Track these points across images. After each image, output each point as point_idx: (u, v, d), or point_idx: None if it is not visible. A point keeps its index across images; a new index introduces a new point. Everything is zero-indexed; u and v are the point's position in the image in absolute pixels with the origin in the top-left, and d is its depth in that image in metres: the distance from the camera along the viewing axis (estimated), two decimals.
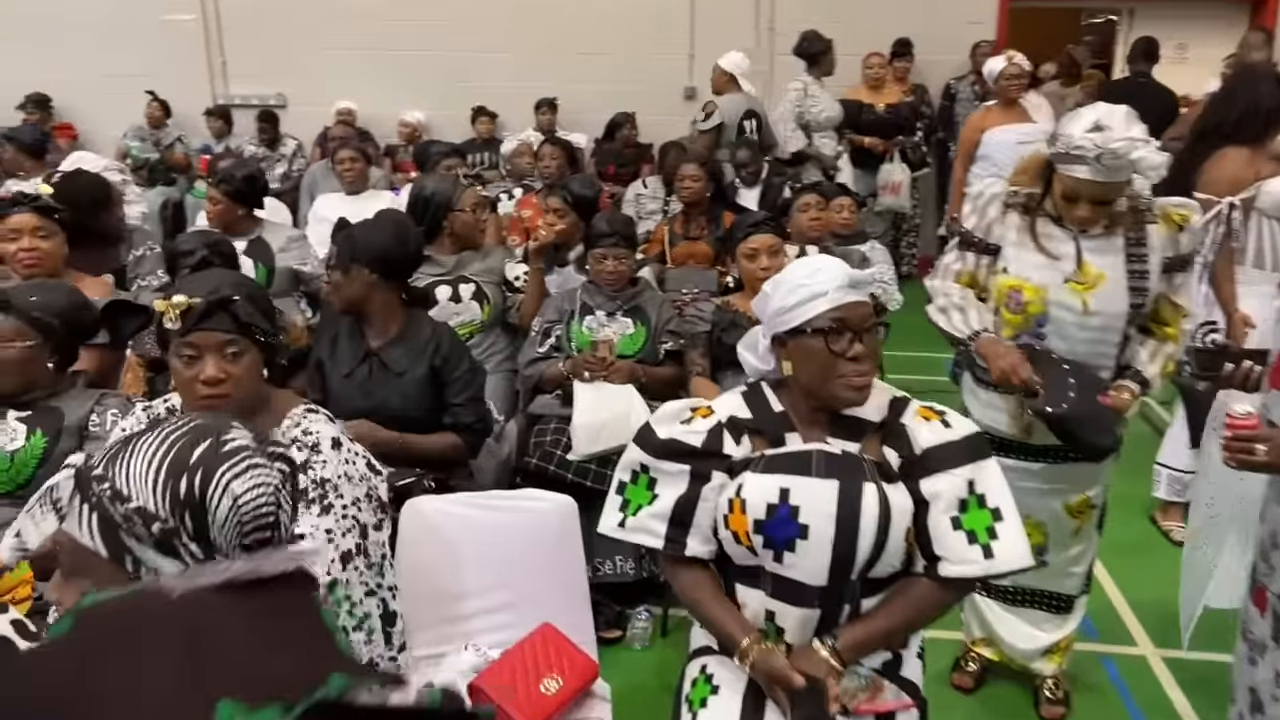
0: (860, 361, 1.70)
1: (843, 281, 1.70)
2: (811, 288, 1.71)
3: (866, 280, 1.75)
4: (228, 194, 3.83)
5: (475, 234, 3.43)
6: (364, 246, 2.50)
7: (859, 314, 1.71)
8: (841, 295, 1.69)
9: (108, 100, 7.99)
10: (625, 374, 3.07)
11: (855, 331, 1.69)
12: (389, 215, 2.66)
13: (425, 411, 2.54)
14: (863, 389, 1.71)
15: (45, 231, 2.78)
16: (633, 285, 3.34)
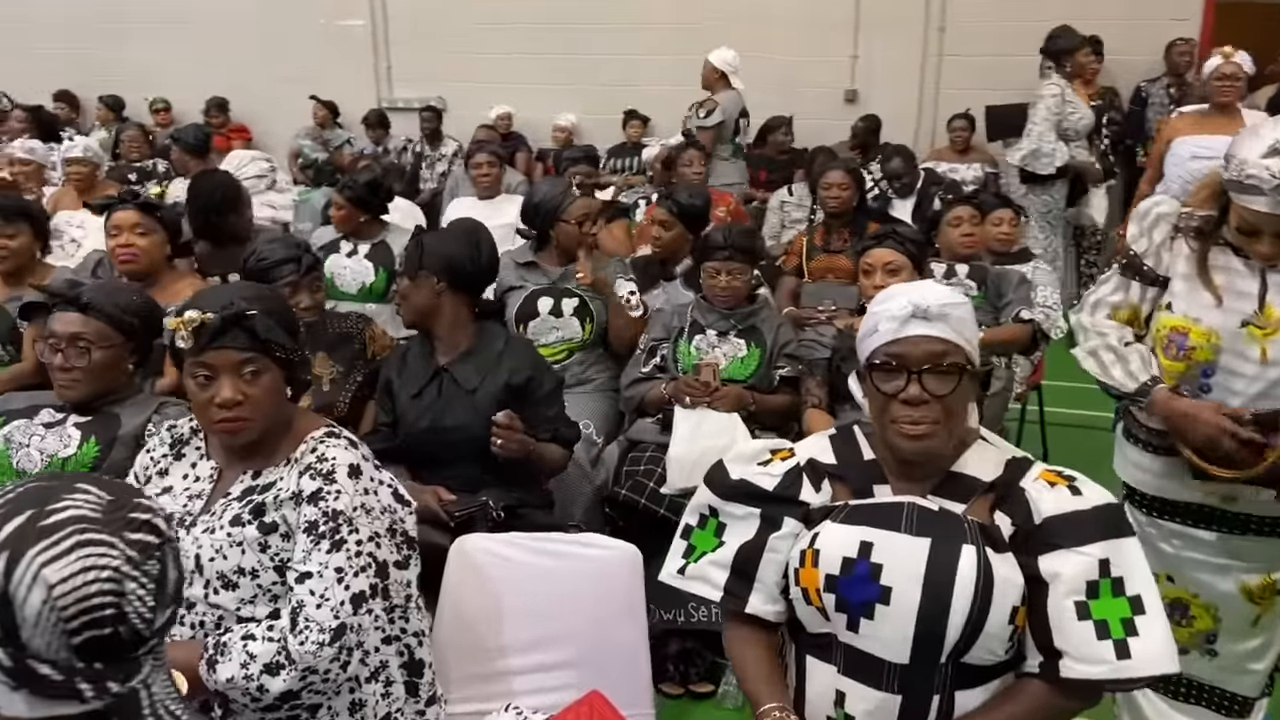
0: (913, 406, 1.44)
1: (902, 312, 1.46)
2: (876, 318, 1.50)
3: (940, 312, 1.46)
4: (350, 200, 3.79)
5: (580, 246, 3.21)
6: (433, 253, 2.35)
7: (920, 351, 1.46)
8: (896, 328, 1.47)
9: (280, 103, 8.33)
10: (731, 401, 2.78)
11: (913, 371, 1.45)
12: (463, 224, 2.50)
13: None
14: (918, 439, 1.47)
15: (144, 229, 2.77)
16: (749, 303, 3.05)
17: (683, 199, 3.56)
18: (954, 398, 1.46)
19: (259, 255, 2.48)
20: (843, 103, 7.47)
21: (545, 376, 2.41)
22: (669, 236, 3.52)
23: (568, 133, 7.86)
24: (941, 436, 1.47)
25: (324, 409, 2.46)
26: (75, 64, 8.78)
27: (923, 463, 1.51)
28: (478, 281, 2.45)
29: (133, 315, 2.12)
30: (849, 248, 4.13)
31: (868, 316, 1.55)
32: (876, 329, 1.51)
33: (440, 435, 2.31)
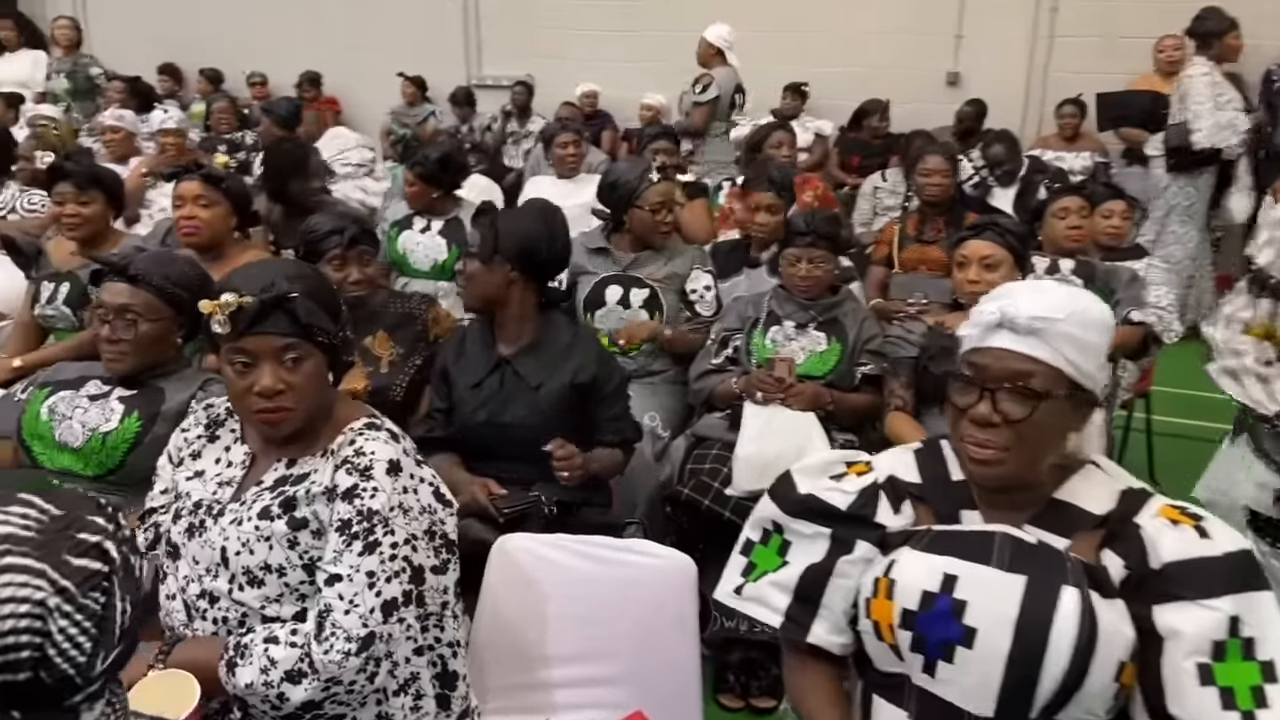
0: (981, 426, 1.29)
1: (989, 319, 1.30)
2: (971, 322, 1.34)
3: (1031, 325, 1.28)
4: (421, 176, 3.70)
5: (654, 235, 3.05)
6: (509, 235, 2.20)
7: (999, 367, 1.30)
8: (979, 336, 1.33)
9: (371, 78, 8.35)
10: (807, 399, 2.60)
11: (987, 387, 1.29)
12: (537, 204, 2.35)
13: (564, 430, 2.22)
14: (983, 464, 1.31)
15: (207, 200, 2.71)
16: (832, 294, 2.86)
17: (778, 176, 3.39)
18: (1031, 425, 1.27)
19: (309, 227, 2.40)
20: (944, 86, 7.12)
21: (612, 374, 2.28)
22: (775, 222, 3.36)
23: (655, 112, 7.68)
24: (1011, 465, 1.29)
25: (381, 391, 2.37)
26: (178, 37, 8.95)
27: (1002, 489, 1.32)
28: (549, 270, 2.31)
29: (182, 288, 2.05)
30: (944, 238, 3.88)
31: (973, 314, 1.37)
32: (964, 336, 1.35)
33: (498, 430, 2.20)
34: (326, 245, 2.36)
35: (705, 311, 3.06)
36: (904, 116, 6.70)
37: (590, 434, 2.28)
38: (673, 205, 3.07)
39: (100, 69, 7.00)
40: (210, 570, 1.52)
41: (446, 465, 2.22)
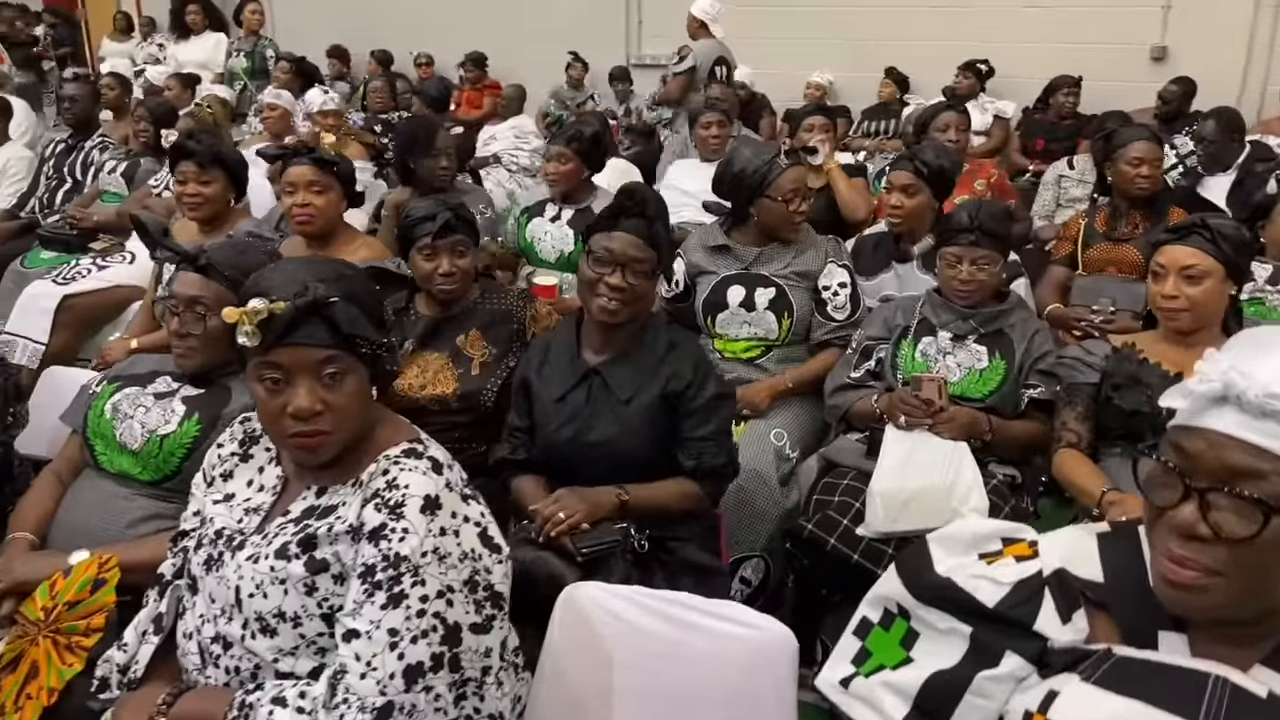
0: (1183, 539, 0.93)
1: (1207, 388, 0.92)
2: (1181, 388, 0.97)
3: (1271, 405, 0.89)
4: (577, 152, 3.46)
5: (786, 226, 2.70)
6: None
7: (1216, 459, 0.92)
8: (1193, 411, 0.95)
9: (532, 59, 8.27)
10: (961, 427, 2.21)
11: (1195, 487, 0.93)
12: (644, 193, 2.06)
13: (657, 449, 1.94)
14: (1183, 589, 0.94)
15: (320, 186, 2.56)
16: (997, 301, 2.44)
17: (929, 157, 2.92)
18: (1257, 547, 0.89)
19: (406, 213, 2.20)
20: (1148, 61, 6.37)
21: (706, 383, 1.96)
22: (911, 205, 2.91)
23: (822, 92, 7.26)
24: (1221, 595, 0.92)
25: (471, 395, 2.15)
26: (354, 19, 9.15)
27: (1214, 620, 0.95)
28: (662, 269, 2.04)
29: None
30: (1140, 236, 3.36)
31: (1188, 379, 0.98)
32: (1178, 398, 0.97)
33: (585, 449, 1.93)
34: (417, 233, 2.16)
35: (839, 315, 2.68)
36: (1098, 96, 6.01)
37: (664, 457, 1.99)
38: (807, 193, 2.71)
39: (274, 52, 7.18)
40: (225, 611, 1.33)
41: (531, 488, 1.99)
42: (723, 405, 1.98)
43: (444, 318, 2.22)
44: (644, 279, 1.92)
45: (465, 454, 2.17)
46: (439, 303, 2.21)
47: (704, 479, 1.95)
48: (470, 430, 2.18)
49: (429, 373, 2.17)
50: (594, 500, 1.83)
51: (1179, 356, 2.08)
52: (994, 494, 2.17)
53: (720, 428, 1.97)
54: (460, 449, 2.17)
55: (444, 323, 2.21)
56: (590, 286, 1.92)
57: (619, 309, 1.91)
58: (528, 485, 1.99)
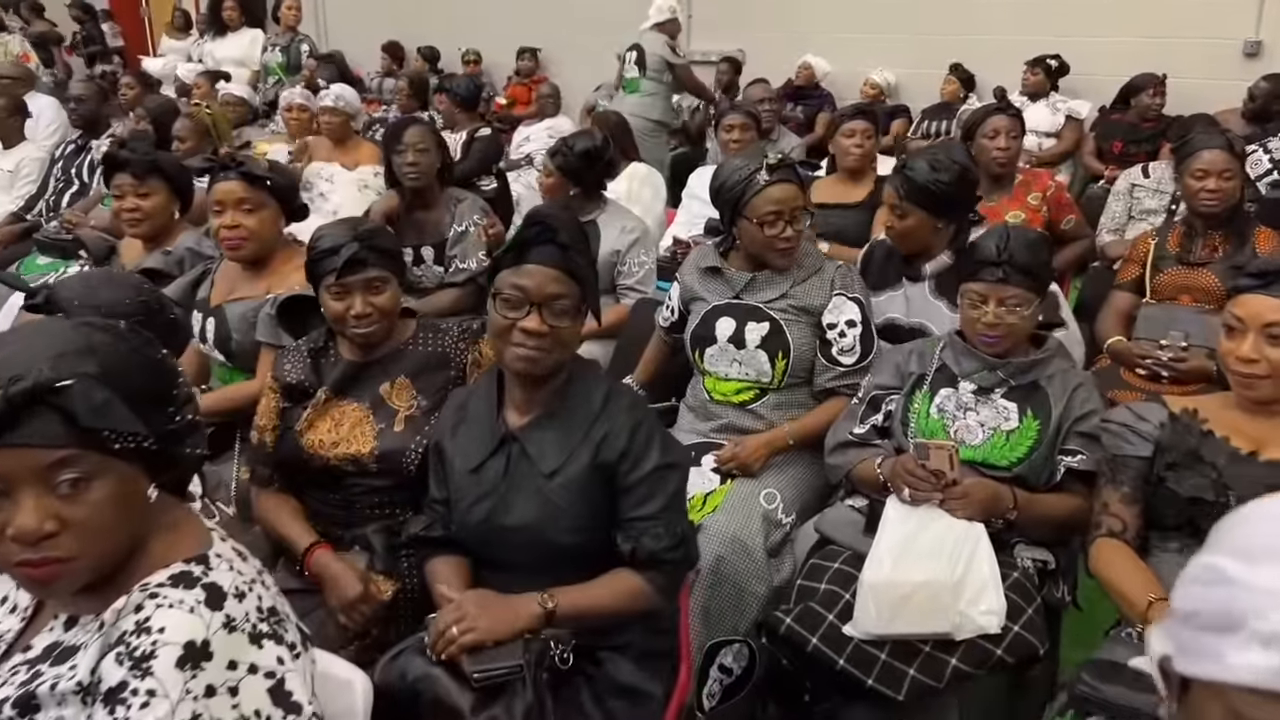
0: None
1: None
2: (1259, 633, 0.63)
3: None
4: (560, 169, 3.17)
5: (768, 254, 2.30)
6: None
7: None
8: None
9: (582, 55, 7.97)
10: (977, 505, 1.82)
11: None
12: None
13: (591, 532, 1.59)
14: None
15: (250, 204, 2.25)
16: (1032, 348, 2.04)
17: (919, 175, 2.36)
18: None
19: (311, 242, 1.88)
20: (1239, 59, 5.78)
21: (648, 450, 1.59)
22: (903, 227, 2.45)
23: (879, 90, 6.80)
24: None
25: (391, 456, 1.83)
26: (405, 14, 8.96)
27: None
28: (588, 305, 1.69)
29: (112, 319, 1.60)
30: (1219, 261, 2.90)
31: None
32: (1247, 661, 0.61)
33: (500, 534, 1.60)
34: (322, 268, 1.84)
35: (845, 359, 2.29)
36: (1185, 96, 5.45)
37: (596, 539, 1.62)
38: (795, 215, 2.28)
39: (309, 48, 7.00)
40: None
41: (445, 574, 1.66)
42: (669, 478, 1.61)
43: (367, 361, 1.90)
44: (566, 319, 1.58)
45: (390, 522, 1.87)
46: (360, 345, 1.90)
47: (645, 568, 1.59)
48: (394, 495, 1.86)
49: (344, 427, 1.85)
50: (503, 616, 1.48)
51: (1255, 431, 1.66)
52: (1016, 590, 1.77)
53: (666, 504, 1.60)
54: (382, 516, 1.87)
55: (366, 367, 1.89)
56: (502, 335, 1.58)
57: (539, 357, 1.56)
58: (442, 571, 1.67)
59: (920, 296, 2.47)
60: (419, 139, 3.19)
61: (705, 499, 2.19)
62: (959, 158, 2.42)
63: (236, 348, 2.26)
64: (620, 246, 3.13)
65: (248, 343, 2.22)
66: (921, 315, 2.40)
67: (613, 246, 3.13)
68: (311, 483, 1.89)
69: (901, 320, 2.51)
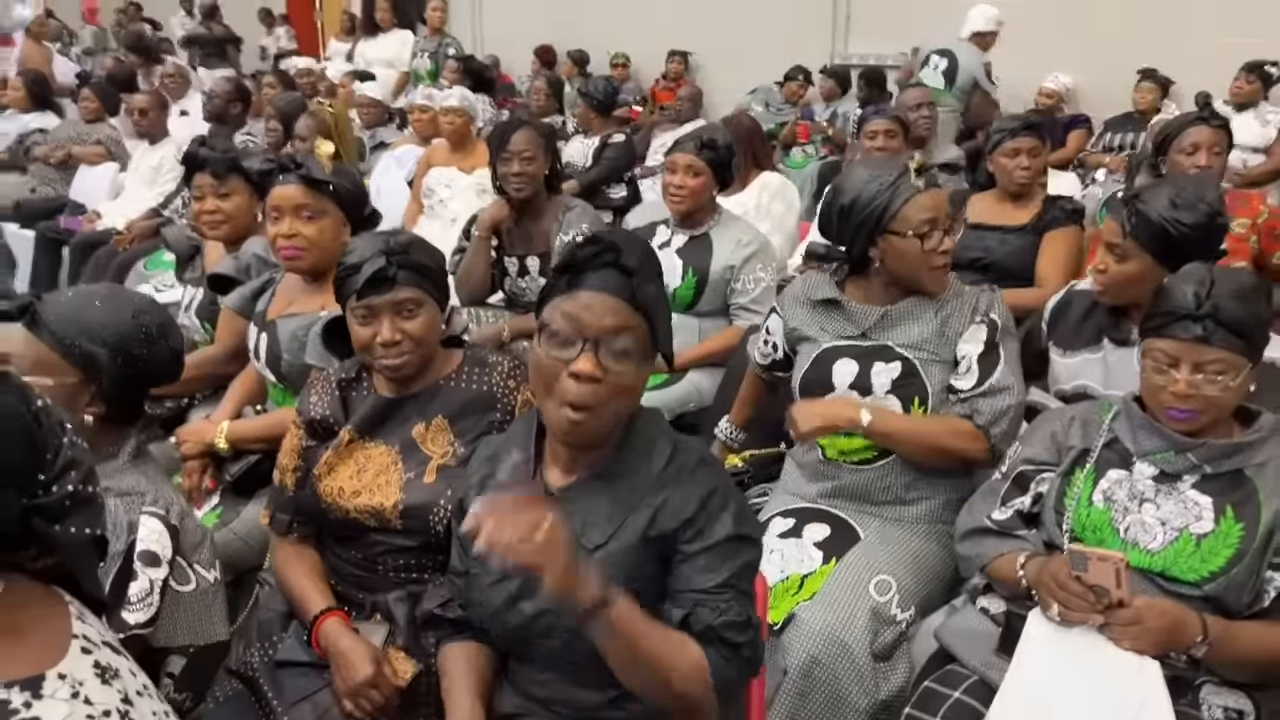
0: None
1: None
2: None
3: None
4: (712, 164, 2.81)
5: (925, 273, 1.91)
6: None
7: None
8: None
9: (735, 60, 7.65)
10: (1154, 635, 1.37)
11: None
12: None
13: None
14: None
15: (311, 211, 2.01)
16: (1240, 427, 1.57)
17: (1154, 207, 1.90)
18: None
19: (340, 258, 1.61)
20: None
21: (719, 518, 1.23)
22: (1119, 272, 1.98)
23: (1057, 97, 6.17)
24: None
25: (417, 512, 1.55)
26: (554, 17, 8.87)
27: None
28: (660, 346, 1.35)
29: (101, 344, 1.38)
30: None
31: None
32: None
33: (529, 621, 1.28)
34: (346, 287, 1.57)
35: (962, 384, 1.88)
36: None
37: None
38: (950, 225, 1.90)
39: (456, 50, 6.94)
40: None
41: (457, 669, 1.36)
42: (741, 551, 1.24)
43: (401, 398, 1.62)
44: (629, 362, 1.23)
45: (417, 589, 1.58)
46: (392, 380, 1.62)
47: (705, 641, 1.22)
48: (423, 557, 1.58)
49: (367, 474, 1.58)
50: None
51: None
52: None
53: (734, 577, 1.23)
54: (408, 581, 1.59)
55: (399, 405, 1.62)
56: (547, 382, 1.24)
57: (590, 414, 1.21)
58: (453, 666, 1.37)
59: (1125, 362, 1.97)
60: (525, 145, 2.93)
61: (803, 581, 1.81)
62: (1210, 198, 1.93)
63: (286, 368, 2.04)
64: (735, 261, 2.78)
65: (298, 363, 2.00)
66: (1123, 386, 1.90)
67: (726, 261, 2.78)
68: (332, 536, 1.64)
69: (1098, 390, 2.04)
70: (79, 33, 11.17)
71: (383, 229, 1.92)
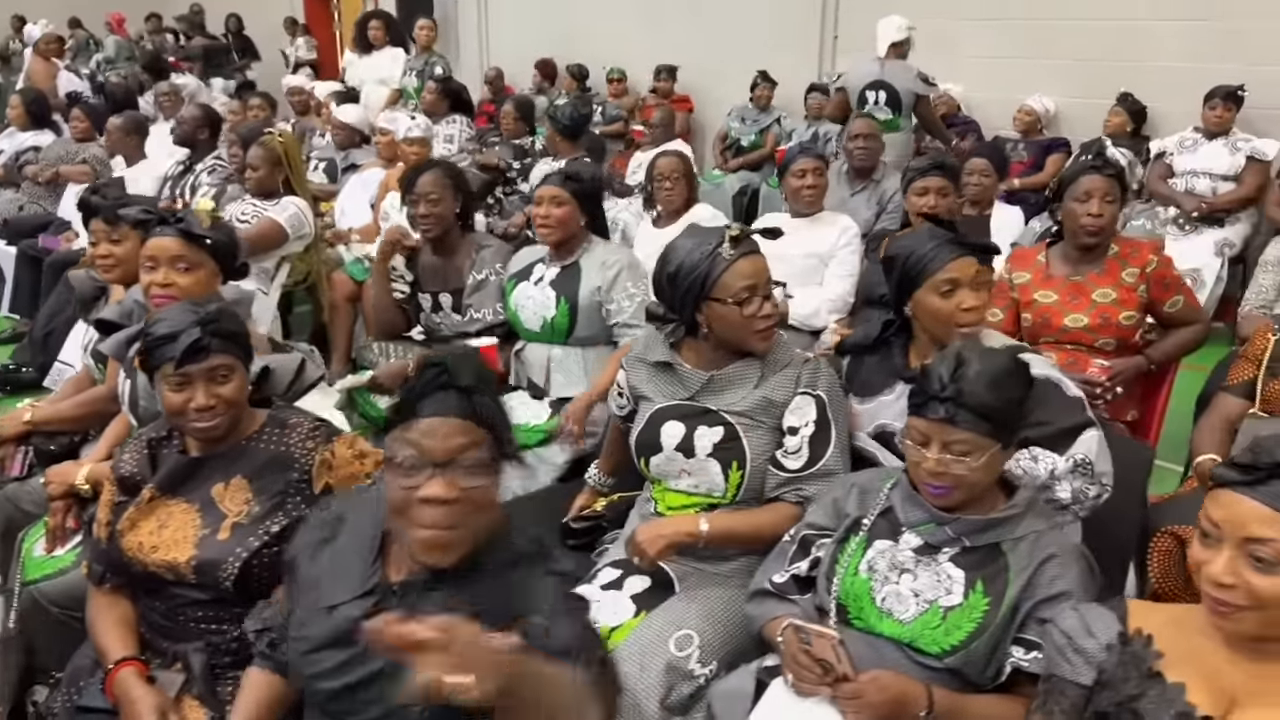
0: None
1: None
2: None
3: None
4: (576, 195, 2.90)
5: (749, 338, 1.95)
6: None
7: None
8: None
9: (723, 75, 7.69)
10: (877, 709, 1.42)
11: None
12: None
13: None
14: None
15: (187, 263, 2.13)
16: (1004, 499, 1.61)
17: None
18: None
19: (146, 326, 1.70)
20: None
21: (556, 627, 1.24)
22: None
23: (1034, 118, 6.14)
24: None
25: (208, 568, 1.64)
26: (558, 31, 8.97)
27: None
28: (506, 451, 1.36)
29: None
30: None
31: None
32: None
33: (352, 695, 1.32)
34: (158, 356, 1.66)
35: (791, 464, 1.92)
36: None
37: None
38: (769, 289, 1.96)
39: (443, 69, 7.05)
40: None
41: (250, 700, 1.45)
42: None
43: (204, 457, 1.72)
44: (481, 475, 1.25)
45: (217, 639, 1.68)
46: (201, 440, 1.72)
47: None
48: (220, 610, 1.67)
49: (167, 529, 1.67)
50: None
51: (1233, 678, 1.19)
52: None
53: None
54: (206, 632, 1.68)
55: (202, 464, 1.71)
56: (403, 511, 1.26)
57: (452, 534, 1.24)
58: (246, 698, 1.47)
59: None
60: (430, 187, 3.02)
61: (610, 634, 1.87)
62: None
63: (143, 413, 2.14)
64: (601, 282, 2.84)
65: (153, 408, 2.10)
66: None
67: (593, 284, 2.83)
68: (140, 587, 1.73)
69: (895, 427, 2.09)
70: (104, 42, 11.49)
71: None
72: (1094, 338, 2.75)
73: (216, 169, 4.75)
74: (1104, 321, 2.74)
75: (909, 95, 5.04)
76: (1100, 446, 1.83)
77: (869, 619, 1.58)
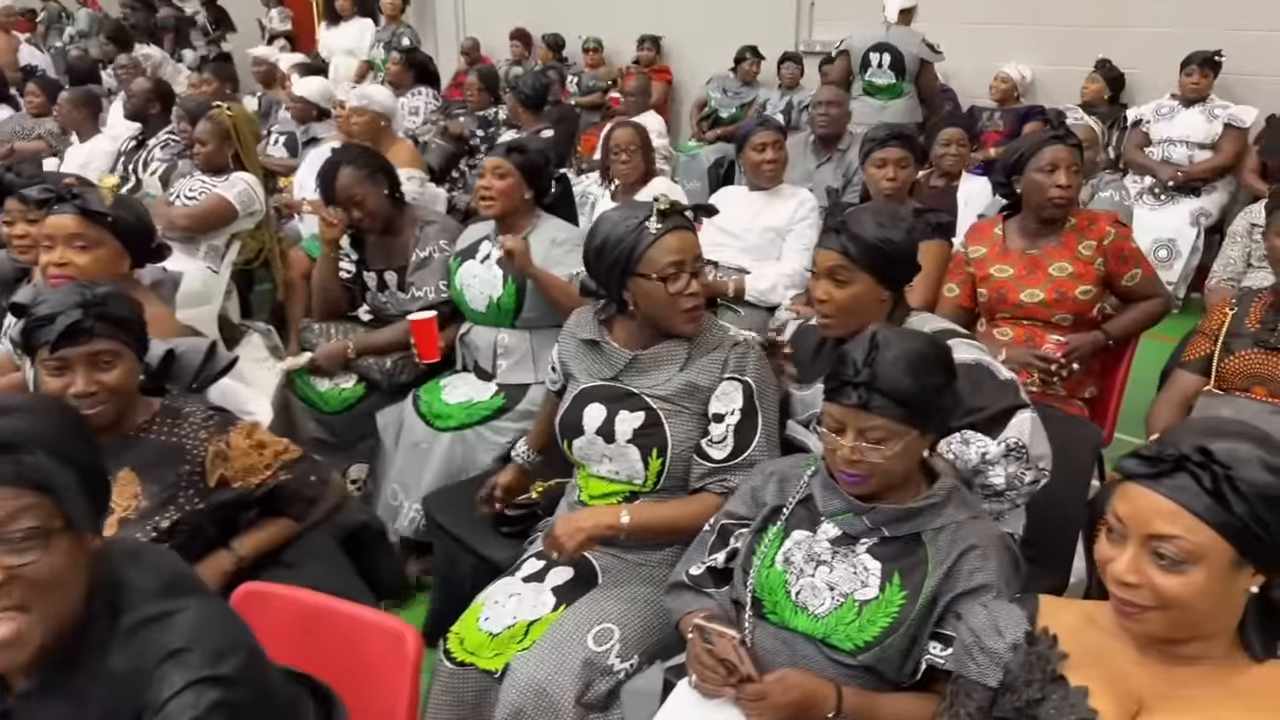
0: None
1: None
2: None
3: None
4: (520, 167, 2.80)
5: (675, 318, 1.87)
6: None
7: None
8: None
9: (704, 45, 7.54)
10: (781, 711, 1.36)
11: None
12: None
13: None
14: None
15: (85, 241, 2.04)
16: (924, 488, 1.54)
17: (863, 230, 1.84)
18: None
19: (28, 309, 1.62)
20: None
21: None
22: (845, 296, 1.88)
23: (1010, 85, 6.02)
24: None
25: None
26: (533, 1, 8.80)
27: None
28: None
29: None
30: None
31: None
32: None
33: None
34: (37, 339, 1.58)
35: (716, 453, 1.85)
36: None
37: None
38: (698, 267, 1.88)
39: (410, 40, 6.91)
40: None
41: None
42: None
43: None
44: (31, 552, 1.03)
45: None
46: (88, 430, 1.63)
47: None
48: None
49: None
50: None
51: (1140, 680, 1.13)
52: None
53: None
54: None
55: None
56: None
57: (11, 630, 1.03)
58: None
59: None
60: (350, 190, 2.93)
61: (529, 629, 1.81)
62: (905, 215, 1.90)
63: None
64: (549, 261, 2.75)
65: None
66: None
67: (541, 262, 2.72)
68: None
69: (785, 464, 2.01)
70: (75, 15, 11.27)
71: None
72: (1050, 313, 2.67)
73: (169, 144, 4.64)
74: (1060, 296, 2.65)
75: (914, 61, 4.94)
76: (1034, 428, 1.76)
77: (784, 613, 1.51)
